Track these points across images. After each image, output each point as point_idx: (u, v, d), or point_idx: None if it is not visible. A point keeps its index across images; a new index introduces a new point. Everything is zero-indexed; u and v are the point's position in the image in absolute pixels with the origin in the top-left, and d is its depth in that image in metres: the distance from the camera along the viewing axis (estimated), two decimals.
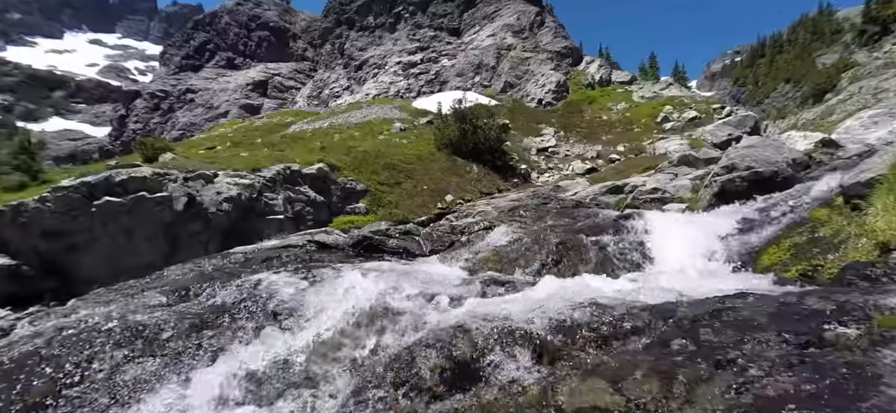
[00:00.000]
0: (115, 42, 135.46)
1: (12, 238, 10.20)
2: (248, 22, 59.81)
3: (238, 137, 21.54)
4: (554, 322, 3.31)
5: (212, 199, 9.69)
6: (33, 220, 9.77)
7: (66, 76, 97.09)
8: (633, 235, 6.68)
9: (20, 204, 9.89)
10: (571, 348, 3.10)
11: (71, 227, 9.70)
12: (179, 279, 6.83)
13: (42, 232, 9.81)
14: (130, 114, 50.34)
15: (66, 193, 9.29)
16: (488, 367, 3.03)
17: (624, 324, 3.24)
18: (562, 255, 6.49)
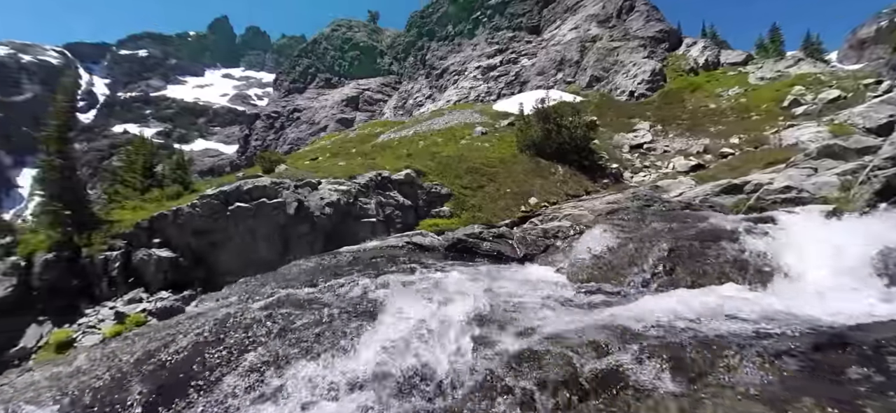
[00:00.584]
0: (240, 74, 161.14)
1: (173, 235, 12.72)
2: (342, 44, 66.20)
3: (335, 148, 23.86)
4: (687, 335, 2.94)
5: (316, 204, 10.88)
6: (187, 222, 12.08)
7: (207, 106, 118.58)
8: (763, 243, 5.65)
9: (178, 209, 12.30)
10: (715, 366, 2.72)
11: (213, 227, 11.76)
12: (307, 272, 7.73)
13: (193, 231, 12.06)
14: (252, 133, 59.61)
15: (209, 200, 11.25)
16: (619, 374, 2.83)
17: (774, 344, 2.75)
18: (675, 264, 5.78)
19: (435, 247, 8.47)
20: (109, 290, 12.88)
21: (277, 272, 8.50)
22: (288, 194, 10.67)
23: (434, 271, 5.61)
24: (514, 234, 9.40)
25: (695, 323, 3.08)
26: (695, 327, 3.02)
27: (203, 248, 12.06)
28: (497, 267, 6.74)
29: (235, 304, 5.76)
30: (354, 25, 70.15)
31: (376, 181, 12.13)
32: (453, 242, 8.58)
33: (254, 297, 6.05)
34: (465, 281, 4.87)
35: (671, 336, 3.00)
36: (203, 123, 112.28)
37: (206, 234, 11.79)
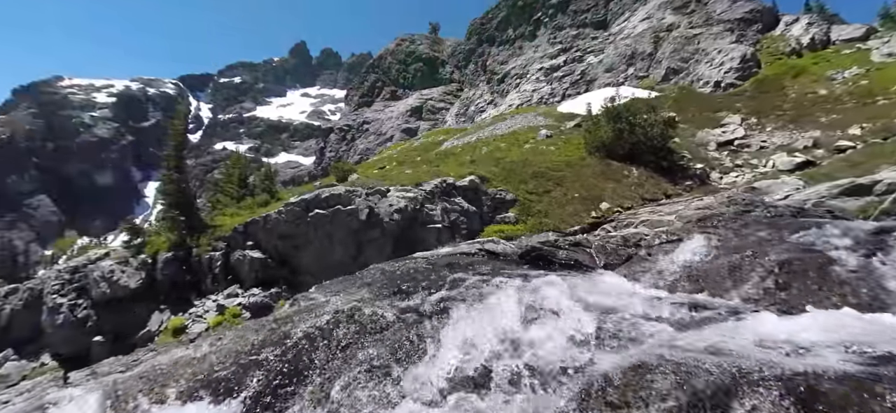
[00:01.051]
0: (315, 93, 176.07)
1: (263, 239, 14.22)
2: (406, 58, 69.19)
3: (401, 157, 24.85)
4: (832, 370, 2.46)
5: (386, 211, 11.41)
6: (274, 227, 13.43)
7: (288, 122, 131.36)
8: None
9: (267, 215, 13.73)
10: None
11: (295, 231, 12.92)
12: (389, 277, 7.96)
13: (279, 235, 13.37)
14: (327, 145, 64.78)
15: (292, 207, 12.37)
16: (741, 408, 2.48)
17: None
18: (789, 280, 4.97)
19: (507, 254, 8.30)
20: (213, 286, 14.79)
21: (357, 275, 9.00)
22: (360, 202, 11.33)
23: (513, 279, 5.50)
24: (592, 242, 8.83)
25: (846, 355, 2.56)
26: (847, 361, 2.51)
27: (287, 251, 13.28)
28: (579, 278, 6.30)
29: (332, 303, 6.21)
30: (417, 39, 72.91)
31: (441, 188, 12.37)
32: (527, 250, 8.31)
33: (346, 298, 6.49)
34: (549, 291, 4.68)
35: (810, 365, 2.53)
36: (285, 138, 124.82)
37: (290, 238, 12.96)
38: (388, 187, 12.09)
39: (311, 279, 13.71)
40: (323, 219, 11.76)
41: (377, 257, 11.58)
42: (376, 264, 9.38)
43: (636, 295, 5.21)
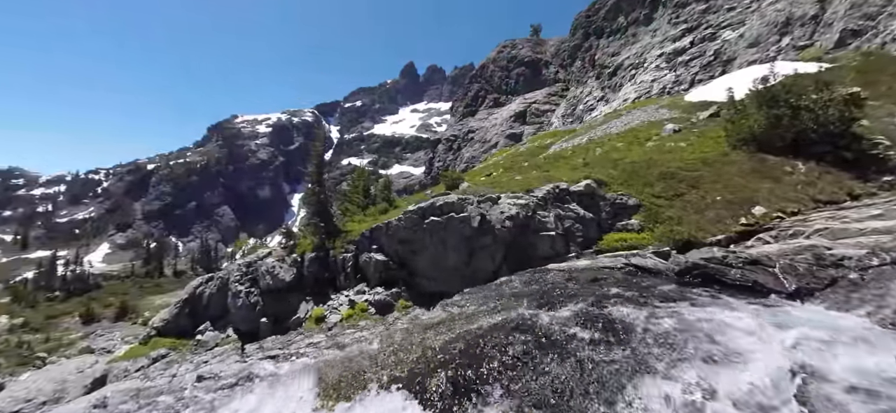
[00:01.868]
0: (423, 107, 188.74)
1: (385, 243, 15.76)
2: (507, 64, 69.18)
3: (508, 163, 24.80)
4: None
5: (497, 218, 11.50)
6: (395, 232, 14.76)
7: (400, 137, 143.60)
8: None
9: (389, 222, 15.16)
10: None
11: (413, 237, 13.97)
12: (528, 291, 7.83)
13: (399, 240, 14.64)
14: (435, 156, 68.85)
15: (410, 215, 13.39)
16: None
17: None
18: None
19: (660, 271, 7.22)
20: (345, 282, 17.00)
21: (497, 286, 9.14)
22: (472, 209, 11.65)
23: (678, 305, 4.85)
24: (776, 261, 6.99)
25: None
26: None
27: (406, 255, 14.41)
28: (768, 307, 4.94)
29: (485, 313, 6.46)
30: (518, 43, 72.25)
31: (554, 194, 11.92)
32: (687, 267, 6.94)
33: (492, 311, 6.62)
34: (740, 328, 3.82)
35: None
36: (398, 151, 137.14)
37: (408, 243, 14.02)
38: (498, 194, 12.18)
39: (427, 282, 14.66)
40: (437, 225, 12.44)
41: (489, 263, 11.74)
42: (509, 278, 9.32)
43: (864, 337, 3.74)
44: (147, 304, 42.72)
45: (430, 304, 14.86)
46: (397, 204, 24.91)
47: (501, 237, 11.46)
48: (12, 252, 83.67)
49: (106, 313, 40.13)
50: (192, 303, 19.80)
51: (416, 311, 14.44)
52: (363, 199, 24.94)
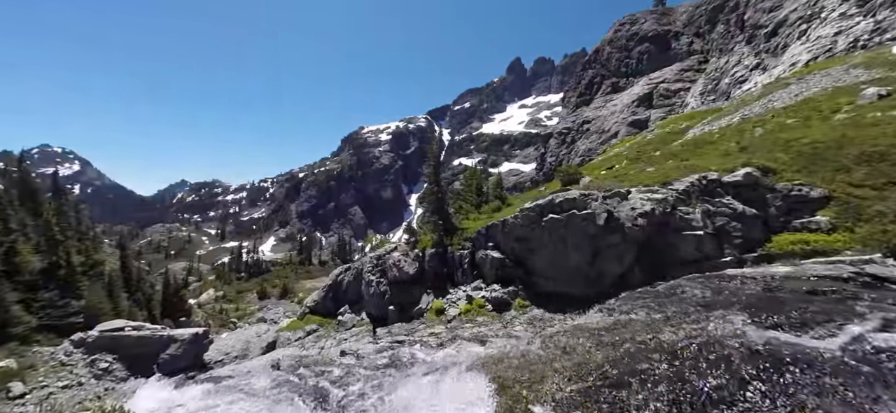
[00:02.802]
0: (532, 102, 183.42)
1: (501, 241, 15.74)
2: (627, 43, 62.01)
3: (633, 153, 22.23)
4: None
5: (627, 215, 10.34)
6: (511, 230, 14.62)
7: (509, 134, 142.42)
8: None
9: (505, 220, 15.10)
10: None
11: (530, 235, 13.60)
12: (720, 297, 6.66)
13: (515, 238, 14.44)
14: (546, 151, 66.10)
15: (527, 212, 13.06)
16: None
17: None
18: None
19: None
20: (462, 278, 17.61)
21: (657, 291, 8.34)
22: (596, 205, 10.73)
23: None
24: None
25: None
26: None
27: (522, 253, 14.13)
28: None
29: (657, 323, 5.91)
30: (639, 18, 64.07)
31: (700, 186, 10.14)
32: None
33: (672, 321, 5.92)
34: None
35: None
36: (507, 149, 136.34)
37: (525, 241, 13.72)
38: (628, 189, 10.94)
39: (545, 282, 14.12)
40: (557, 223, 11.85)
41: (616, 265, 10.65)
42: (679, 283, 8.33)
43: None
44: (300, 287, 51.74)
45: (548, 304, 14.29)
46: (510, 202, 24.70)
47: (632, 236, 10.26)
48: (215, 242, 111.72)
49: (273, 292, 50.02)
50: (335, 288, 23.13)
51: (534, 310, 14.06)
52: (476, 198, 25.48)
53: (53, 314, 20.89)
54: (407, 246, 19.70)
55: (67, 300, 21.86)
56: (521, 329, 12.46)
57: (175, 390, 11.17)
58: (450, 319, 15.42)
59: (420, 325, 16.33)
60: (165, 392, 11.01)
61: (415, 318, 17.49)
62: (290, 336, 21.23)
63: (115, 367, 19.11)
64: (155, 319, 28.19)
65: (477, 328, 13.77)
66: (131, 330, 20.91)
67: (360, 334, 18.91)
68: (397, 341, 14.97)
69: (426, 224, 21.86)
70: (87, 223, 37.25)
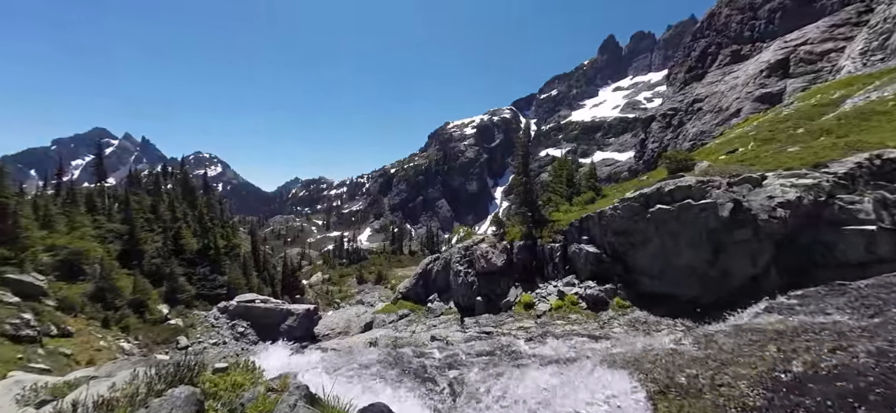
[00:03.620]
0: (628, 84, 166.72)
1: (596, 234, 14.54)
2: (752, 1, 51.90)
3: (763, 133, 18.63)
4: None
5: (762, 205, 8.62)
6: (609, 223, 13.40)
7: (601, 121, 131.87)
8: None
9: (602, 211, 13.91)
10: None
11: (632, 228, 12.30)
12: None
13: (614, 231, 13.19)
14: (647, 136, 59.23)
15: (629, 203, 11.83)
16: None
17: None
18: None
19: None
20: (553, 273, 16.82)
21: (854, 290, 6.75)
22: (719, 194, 9.19)
23: None
24: None
25: None
26: None
27: (622, 247, 12.90)
28: None
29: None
30: None
31: (870, 168, 7.96)
32: None
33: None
34: None
35: None
36: (599, 137, 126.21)
37: (626, 235, 12.49)
38: (763, 173, 9.13)
39: (648, 281, 12.65)
40: (666, 215, 10.48)
41: (746, 265, 8.98)
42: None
43: None
44: (392, 274, 55.42)
45: (652, 306, 12.81)
46: (606, 193, 22.77)
47: (769, 231, 8.54)
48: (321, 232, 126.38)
49: (369, 278, 54.51)
50: (424, 277, 24.14)
51: (636, 312, 12.71)
52: (566, 189, 24.07)
53: (206, 285, 25.77)
54: (494, 238, 19.54)
55: (215, 275, 26.73)
56: (621, 331, 11.40)
57: (294, 355, 12.78)
58: (539, 314, 14.88)
59: (508, 318, 16.09)
60: (286, 357, 12.66)
61: (502, 311, 17.29)
62: (385, 318, 22.81)
63: (249, 331, 22.87)
64: (277, 295, 32.91)
65: (570, 325, 13.01)
66: (260, 302, 24.76)
67: (448, 322, 19.42)
68: (485, 332, 14.99)
69: (514, 216, 21.40)
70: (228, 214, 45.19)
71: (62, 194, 27.74)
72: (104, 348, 16.25)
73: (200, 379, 4.32)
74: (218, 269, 27.30)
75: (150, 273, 23.41)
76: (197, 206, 32.85)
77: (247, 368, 4.94)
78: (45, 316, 15.44)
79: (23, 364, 11.77)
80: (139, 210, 28.08)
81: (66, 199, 26.57)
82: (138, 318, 19.79)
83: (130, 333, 18.56)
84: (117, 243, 24.69)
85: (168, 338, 19.65)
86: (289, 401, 3.55)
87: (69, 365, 13.50)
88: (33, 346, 13.44)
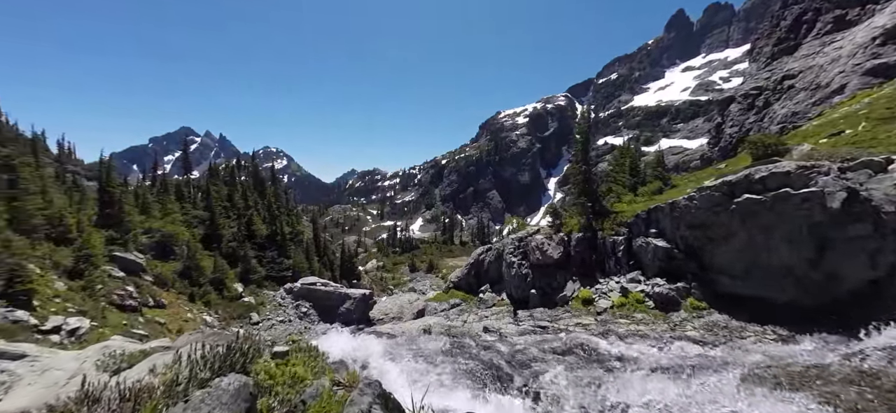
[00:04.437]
0: (700, 63, 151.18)
1: (667, 227, 13.24)
2: None
3: (879, 111, 15.74)
4: None
5: (886, 194, 7.17)
6: (682, 215, 12.12)
7: (668, 105, 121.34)
8: None
9: (674, 202, 12.62)
10: None
11: (711, 221, 11.00)
12: None
13: (689, 224, 11.89)
14: (725, 120, 53.03)
15: (709, 192, 10.57)
16: None
17: None
18: None
19: None
20: (615, 267, 15.69)
21: None
22: (827, 182, 7.81)
23: None
24: None
25: None
26: None
27: (698, 242, 11.63)
28: None
29: None
30: None
31: None
32: None
33: None
34: None
35: None
36: (665, 123, 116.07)
37: (703, 228, 11.24)
38: (889, 156, 7.60)
39: (729, 281, 11.26)
40: (756, 206, 9.17)
41: (861, 266, 7.57)
42: None
43: None
44: (443, 264, 56.04)
45: (734, 310, 11.43)
46: (676, 182, 20.80)
47: (895, 226, 7.10)
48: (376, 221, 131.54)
49: (421, 266, 55.65)
50: (476, 267, 23.95)
51: (714, 315, 11.39)
52: (630, 179, 22.36)
53: (274, 268, 27.87)
54: (550, 229, 18.74)
55: (282, 258, 28.80)
56: (696, 335, 10.29)
57: (353, 338, 13.21)
58: (600, 311, 14.02)
59: (564, 313, 15.38)
60: (345, 338, 13.14)
61: (558, 305, 16.57)
62: (436, 306, 23.04)
63: (311, 312, 24.39)
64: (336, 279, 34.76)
65: (635, 325, 12.05)
66: (321, 285, 26.27)
67: (501, 314, 19.06)
68: (540, 325, 14.46)
69: (572, 206, 20.31)
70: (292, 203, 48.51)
71: (157, 185, 31.48)
72: (190, 319, 18.23)
73: (254, 367, 3.76)
74: (284, 253, 29.38)
75: (227, 255, 25.79)
76: (266, 196, 35.60)
77: (309, 354, 4.44)
78: (144, 289, 17.61)
79: (126, 329, 13.51)
80: (218, 199, 31.03)
81: (159, 189, 30.11)
82: (218, 294, 21.92)
83: (211, 308, 20.64)
84: (200, 228, 27.52)
85: (242, 313, 21.57)
86: (361, 404, 2.98)
87: (162, 332, 15.32)
88: (135, 314, 15.39)
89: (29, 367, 4.45)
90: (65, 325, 11.05)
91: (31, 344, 6.35)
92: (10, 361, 4.58)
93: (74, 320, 11.46)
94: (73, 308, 12.69)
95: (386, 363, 7.88)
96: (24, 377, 4.08)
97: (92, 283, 14.72)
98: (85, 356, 4.58)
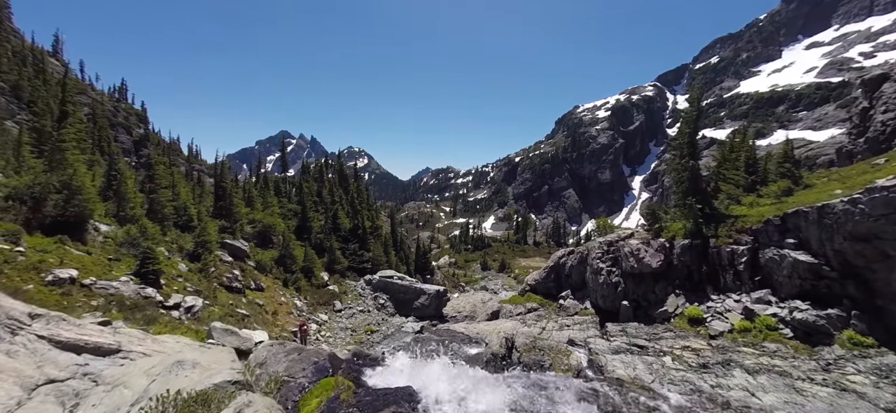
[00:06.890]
0: (831, 37, 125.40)
1: (812, 237, 10.60)
2: None
3: None
4: None
5: None
6: (838, 222, 9.58)
7: (786, 90, 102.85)
8: None
9: (824, 206, 10.03)
10: None
11: (884, 231, 8.48)
12: None
13: (847, 234, 9.34)
14: (874, 103, 42.59)
15: (885, 195, 8.14)
16: None
17: None
18: None
19: None
20: (733, 283, 13.18)
21: None
22: None
23: None
24: None
25: None
26: None
27: (860, 259, 9.10)
28: None
29: None
30: None
31: None
32: None
33: None
34: None
35: None
36: (782, 111, 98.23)
37: (871, 242, 8.76)
38: None
39: None
40: None
41: None
42: None
43: None
44: (516, 263, 54.35)
45: None
46: (810, 182, 17.03)
47: None
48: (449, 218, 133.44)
49: (493, 265, 54.64)
50: (556, 270, 22.42)
51: (889, 357, 8.73)
52: (746, 177, 18.89)
53: (355, 259, 29.39)
54: (647, 233, 16.62)
55: (362, 251, 30.24)
56: (867, 384, 7.90)
57: (453, 371, 12.47)
58: (714, 335, 11.89)
59: (665, 332, 13.38)
60: (443, 371, 12.59)
61: (656, 322, 14.55)
62: (512, 309, 22.06)
63: (388, 304, 25.13)
64: (411, 273, 35.64)
65: (767, 358, 9.80)
66: (397, 279, 26.97)
67: (585, 324, 17.44)
68: (637, 345, 12.73)
69: (675, 208, 17.77)
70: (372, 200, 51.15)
71: (259, 182, 35.38)
72: (284, 303, 19.89)
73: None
74: (365, 245, 30.84)
75: (316, 246, 27.82)
76: (349, 192, 37.87)
77: None
78: (248, 273, 19.61)
79: (232, 308, 15.04)
80: (308, 194, 33.77)
81: (261, 185, 33.74)
82: (307, 281, 23.67)
83: (301, 293, 22.35)
84: (294, 220, 30.16)
85: (327, 300, 23.00)
86: None
87: (261, 312, 16.85)
88: (239, 295, 17.14)
89: (110, 371, 4.75)
90: (183, 303, 12.54)
91: (138, 330, 7.00)
92: (100, 360, 4.95)
93: (191, 298, 12.96)
94: (191, 287, 14.46)
95: None
96: (92, 396, 4.31)
97: (206, 265, 16.71)
98: (155, 373, 4.78)
